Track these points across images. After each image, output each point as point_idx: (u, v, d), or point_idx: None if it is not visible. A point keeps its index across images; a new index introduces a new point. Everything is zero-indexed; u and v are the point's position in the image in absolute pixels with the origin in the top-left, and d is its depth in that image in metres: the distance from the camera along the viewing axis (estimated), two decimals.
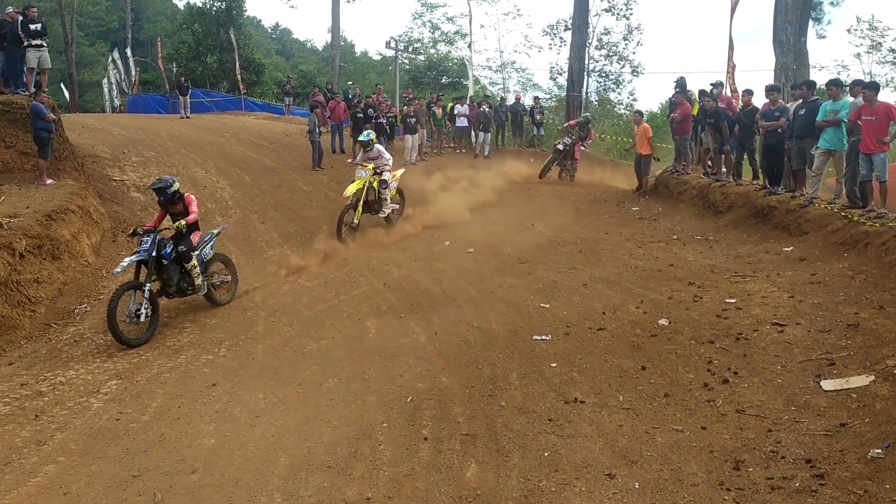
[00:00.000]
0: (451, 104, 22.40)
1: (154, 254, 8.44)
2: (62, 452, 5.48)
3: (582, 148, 19.59)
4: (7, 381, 6.99)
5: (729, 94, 15.19)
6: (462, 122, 21.60)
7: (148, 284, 8.40)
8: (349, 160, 17.97)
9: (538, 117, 23.35)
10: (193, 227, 9.15)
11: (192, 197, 9.27)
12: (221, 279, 9.82)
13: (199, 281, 9.09)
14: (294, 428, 5.72)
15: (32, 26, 13.17)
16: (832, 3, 27.06)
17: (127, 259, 8.47)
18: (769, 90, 11.84)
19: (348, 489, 4.76)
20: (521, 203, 15.10)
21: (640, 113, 17.50)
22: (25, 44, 12.87)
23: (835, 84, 10.20)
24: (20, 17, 12.82)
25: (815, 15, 25.68)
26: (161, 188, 8.93)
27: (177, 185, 9.09)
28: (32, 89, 12.79)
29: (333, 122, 20.22)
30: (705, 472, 4.66)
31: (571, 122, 19.27)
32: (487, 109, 21.28)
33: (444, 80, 36.58)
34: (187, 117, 25.14)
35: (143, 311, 8.24)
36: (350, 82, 28.21)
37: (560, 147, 18.32)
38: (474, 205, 14.69)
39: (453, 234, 12.62)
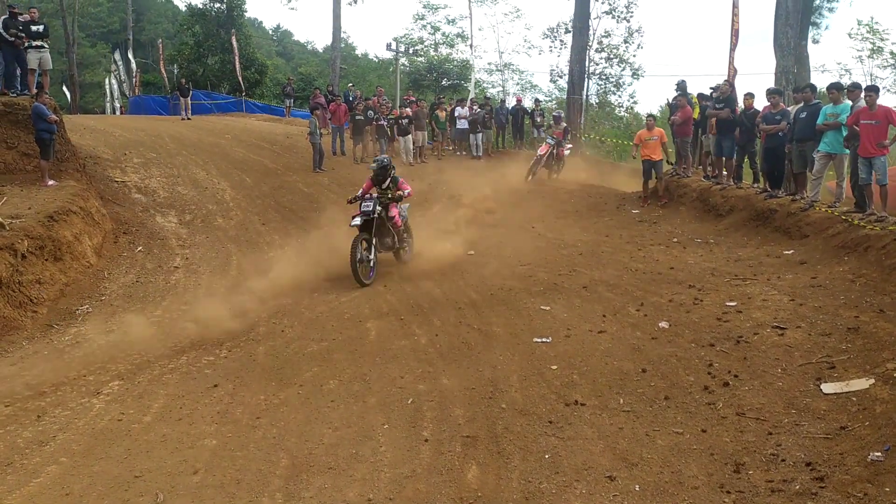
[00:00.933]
0: (451, 106, 22.43)
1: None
2: (64, 453, 5.49)
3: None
4: (9, 382, 7.00)
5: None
6: (462, 124, 21.61)
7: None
8: (359, 160, 18.06)
9: (539, 119, 23.37)
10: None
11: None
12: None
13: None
14: (295, 429, 5.74)
15: (34, 27, 13.22)
16: (830, 9, 27.08)
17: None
18: (770, 93, 11.88)
19: (349, 490, 4.77)
20: (521, 206, 15.11)
21: (653, 117, 16.84)
22: (26, 45, 12.91)
23: (835, 87, 10.23)
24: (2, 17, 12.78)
25: (814, 19, 25.73)
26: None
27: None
28: (34, 90, 12.82)
29: (334, 125, 20.26)
30: (706, 475, 4.67)
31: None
32: (477, 110, 21.29)
33: (444, 83, 36.61)
34: (188, 119, 25.20)
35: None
36: (350, 84, 28.26)
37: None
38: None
39: (454, 234, 12.64)
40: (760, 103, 12.50)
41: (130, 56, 37.19)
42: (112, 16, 50.47)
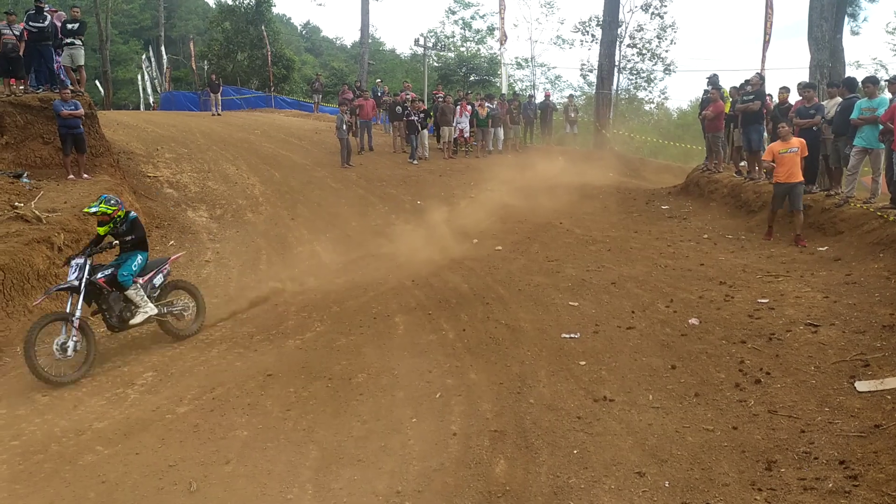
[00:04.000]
0: (479, 102, 22.41)
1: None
2: (100, 441, 5.60)
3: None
4: None
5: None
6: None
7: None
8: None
9: (572, 115, 23.21)
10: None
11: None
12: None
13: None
14: (325, 421, 5.79)
15: (69, 25, 13.51)
16: None
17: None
18: (803, 88, 11.69)
19: (378, 482, 4.81)
20: (548, 201, 15.05)
21: (788, 123, 10.97)
22: (66, 41, 13.26)
23: (871, 81, 10.04)
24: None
25: (850, 11, 25.21)
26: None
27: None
28: (70, 86, 13.09)
29: (362, 120, 20.34)
30: (737, 472, 4.63)
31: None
32: (493, 106, 21.26)
33: (472, 78, 36.57)
34: (218, 114, 25.45)
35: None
36: (378, 80, 28.34)
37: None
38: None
39: (481, 230, 12.66)
40: (795, 98, 12.31)
41: (162, 52, 37.65)
42: (144, 13, 51.07)
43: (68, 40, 13.57)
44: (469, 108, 21.09)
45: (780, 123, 10.82)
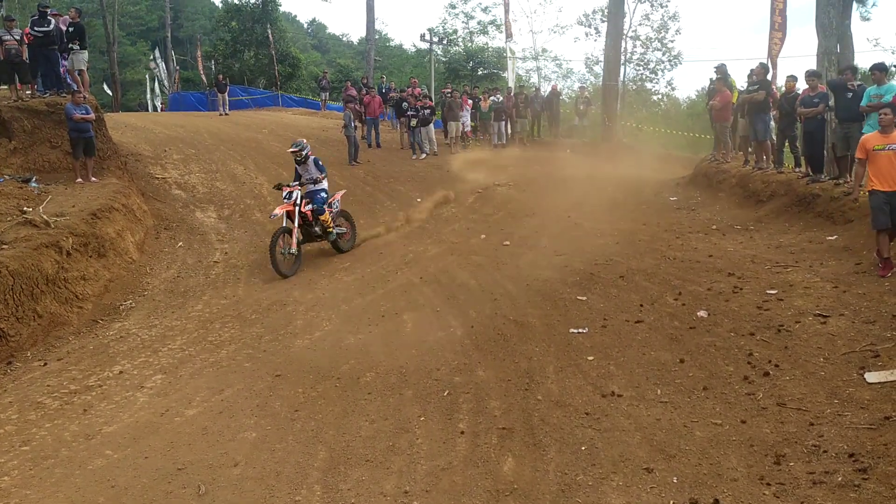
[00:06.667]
0: (486, 95, 22.38)
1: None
2: (109, 446, 5.64)
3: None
4: (56, 377, 7.21)
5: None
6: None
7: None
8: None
9: (582, 108, 23.08)
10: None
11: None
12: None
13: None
14: (333, 422, 5.81)
15: (69, 29, 13.60)
16: None
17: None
18: (809, 76, 11.56)
19: (386, 482, 4.82)
20: (556, 194, 15.00)
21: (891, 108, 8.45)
22: (70, 46, 13.34)
23: (879, 68, 9.91)
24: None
25: None
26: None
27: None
28: (76, 89, 13.17)
29: (368, 117, 20.32)
30: (745, 467, 4.61)
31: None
32: (497, 99, 21.24)
33: (480, 72, 36.49)
34: (226, 114, 25.55)
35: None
36: (382, 76, 28.32)
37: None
38: None
39: (489, 225, 12.64)
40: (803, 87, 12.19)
41: (171, 53, 37.83)
42: (151, 14, 51.23)
43: (70, 45, 13.64)
44: (469, 101, 21.07)
45: (884, 110, 8.26)
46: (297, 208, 10.73)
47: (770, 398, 5.43)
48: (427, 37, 30.91)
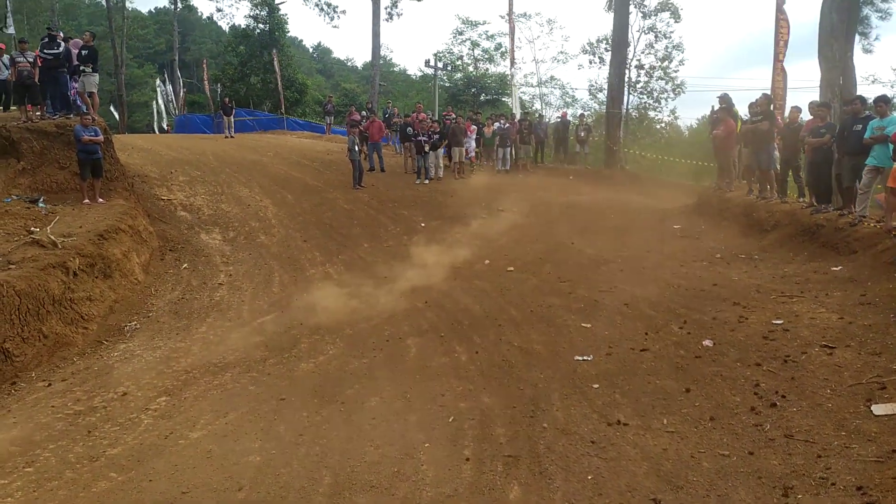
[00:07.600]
0: (490, 122, 22.56)
1: None
2: (113, 468, 5.62)
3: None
4: (61, 397, 7.20)
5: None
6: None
7: None
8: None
9: (582, 134, 23.26)
10: None
11: None
12: None
13: None
14: (337, 446, 5.78)
15: (83, 52, 13.78)
16: (880, 17, 26.48)
17: None
18: (818, 107, 11.66)
19: None
20: (560, 220, 15.05)
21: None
22: (82, 68, 13.51)
23: (882, 101, 10.00)
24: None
25: (861, 29, 25.20)
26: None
27: None
28: (85, 111, 13.30)
29: (371, 142, 20.45)
30: (753, 499, 4.58)
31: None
32: (502, 125, 21.40)
33: (483, 98, 36.77)
34: (231, 136, 25.70)
35: None
36: (389, 102, 28.55)
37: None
38: None
39: (493, 250, 12.67)
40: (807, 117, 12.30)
41: (178, 75, 38.19)
42: (158, 37, 51.88)
43: (81, 67, 13.81)
44: (474, 127, 21.21)
45: None
46: None
47: (777, 429, 5.41)
48: (431, 62, 31.22)
